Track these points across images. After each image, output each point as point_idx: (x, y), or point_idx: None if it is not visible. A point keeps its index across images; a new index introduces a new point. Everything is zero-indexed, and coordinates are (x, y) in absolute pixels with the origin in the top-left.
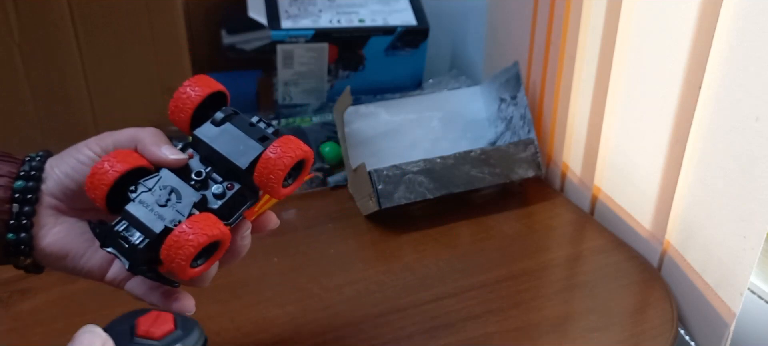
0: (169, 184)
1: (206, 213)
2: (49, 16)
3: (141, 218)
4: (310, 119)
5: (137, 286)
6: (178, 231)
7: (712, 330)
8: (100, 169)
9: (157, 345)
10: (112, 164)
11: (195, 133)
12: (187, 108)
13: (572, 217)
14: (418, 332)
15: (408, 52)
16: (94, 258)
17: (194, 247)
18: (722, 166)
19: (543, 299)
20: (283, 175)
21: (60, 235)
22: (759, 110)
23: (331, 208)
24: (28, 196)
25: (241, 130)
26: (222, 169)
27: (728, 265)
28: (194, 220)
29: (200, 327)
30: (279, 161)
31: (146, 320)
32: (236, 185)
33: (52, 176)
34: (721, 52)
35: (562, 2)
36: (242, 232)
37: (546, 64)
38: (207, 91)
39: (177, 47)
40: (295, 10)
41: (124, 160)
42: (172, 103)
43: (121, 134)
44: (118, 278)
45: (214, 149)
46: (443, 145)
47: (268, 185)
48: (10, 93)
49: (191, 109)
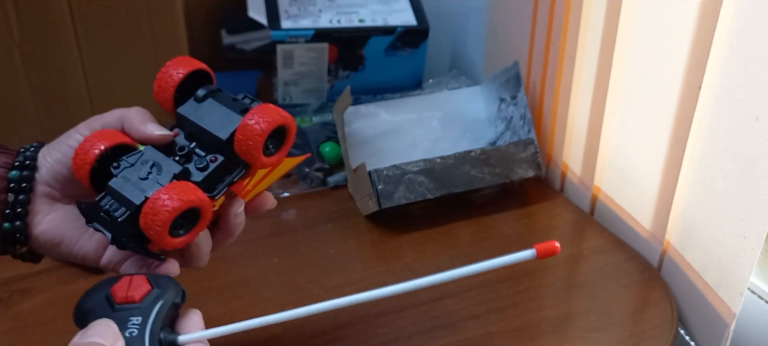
0: (151, 159)
1: (184, 181)
2: (49, 16)
3: (123, 191)
4: (310, 119)
5: (133, 268)
6: (154, 197)
7: (712, 330)
8: (82, 149)
9: (139, 307)
10: (93, 143)
11: (178, 111)
12: (169, 87)
13: (572, 217)
14: (418, 332)
15: (408, 52)
16: (88, 244)
17: (169, 212)
18: (722, 166)
19: (543, 299)
20: (261, 141)
21: (55, 222)
22: (759, 110)
23: (331, 208)
24: (22, 185)
25: (223, 104)
26: (206, 144)
27: (728, 265)
28: (171, 186)
29: (176, 282)
30: (256, 127)
31: (121, 287)
32: (220, 157)
33: (45, 164)
34: (721, 52)
35: (562, 2)
36: (235, 209)
37: (546, 64)
38: (188, 69)
39: (177, 47)
40: (295, 10)
41: (106, 138)
42: (155, 84)
43: (109, 115)
44: (113, 261)
45: (196, 124)
46: (443, 145)
47: (249, 153)
48: (10, 93)
49: (173, 87)
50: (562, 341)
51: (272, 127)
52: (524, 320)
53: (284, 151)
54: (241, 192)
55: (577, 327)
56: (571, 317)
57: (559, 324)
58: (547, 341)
